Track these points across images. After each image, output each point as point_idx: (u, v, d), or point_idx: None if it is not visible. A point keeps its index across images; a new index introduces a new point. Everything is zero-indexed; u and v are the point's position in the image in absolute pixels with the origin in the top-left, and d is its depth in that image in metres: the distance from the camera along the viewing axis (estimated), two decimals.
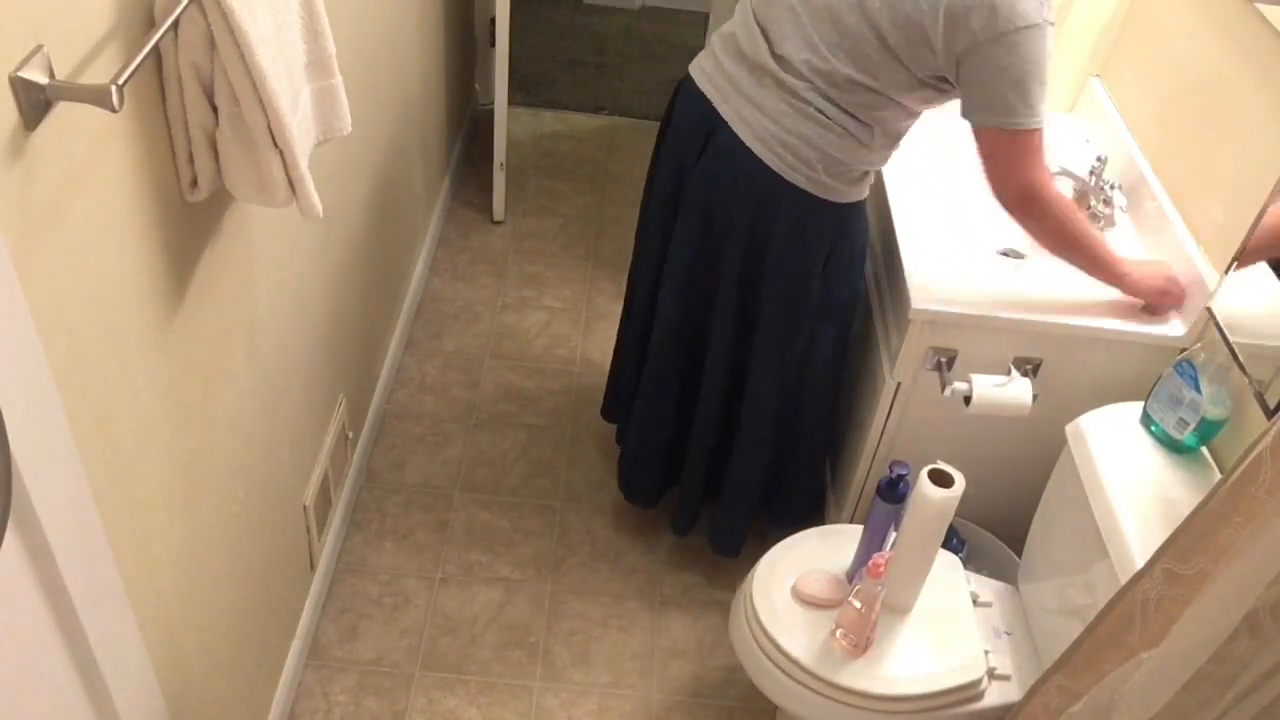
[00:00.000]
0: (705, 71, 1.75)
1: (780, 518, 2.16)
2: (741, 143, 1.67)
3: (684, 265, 1.85)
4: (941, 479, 1.52)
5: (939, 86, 1.59)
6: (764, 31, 1.65)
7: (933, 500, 1.52)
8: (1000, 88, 1.51)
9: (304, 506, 1.86)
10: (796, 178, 1.67)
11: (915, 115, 1.68)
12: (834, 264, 1.78)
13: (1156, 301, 1.74)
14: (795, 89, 1.62)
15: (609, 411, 2.35)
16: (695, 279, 1.85)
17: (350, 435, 2.15)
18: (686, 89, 1.78)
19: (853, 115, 1.62)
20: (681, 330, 1.94)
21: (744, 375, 1.93)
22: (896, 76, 1.57)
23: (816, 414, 2.00)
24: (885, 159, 1.74)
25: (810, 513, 2.17)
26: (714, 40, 1.75)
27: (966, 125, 1.63)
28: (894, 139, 1.70)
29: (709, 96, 1.72)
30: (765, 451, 2.01)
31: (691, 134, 1.76)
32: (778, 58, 1.63)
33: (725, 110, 1.69)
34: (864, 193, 1.76)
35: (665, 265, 1.89)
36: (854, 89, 1.60)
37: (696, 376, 1.98)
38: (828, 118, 1.62)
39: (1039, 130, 1.55)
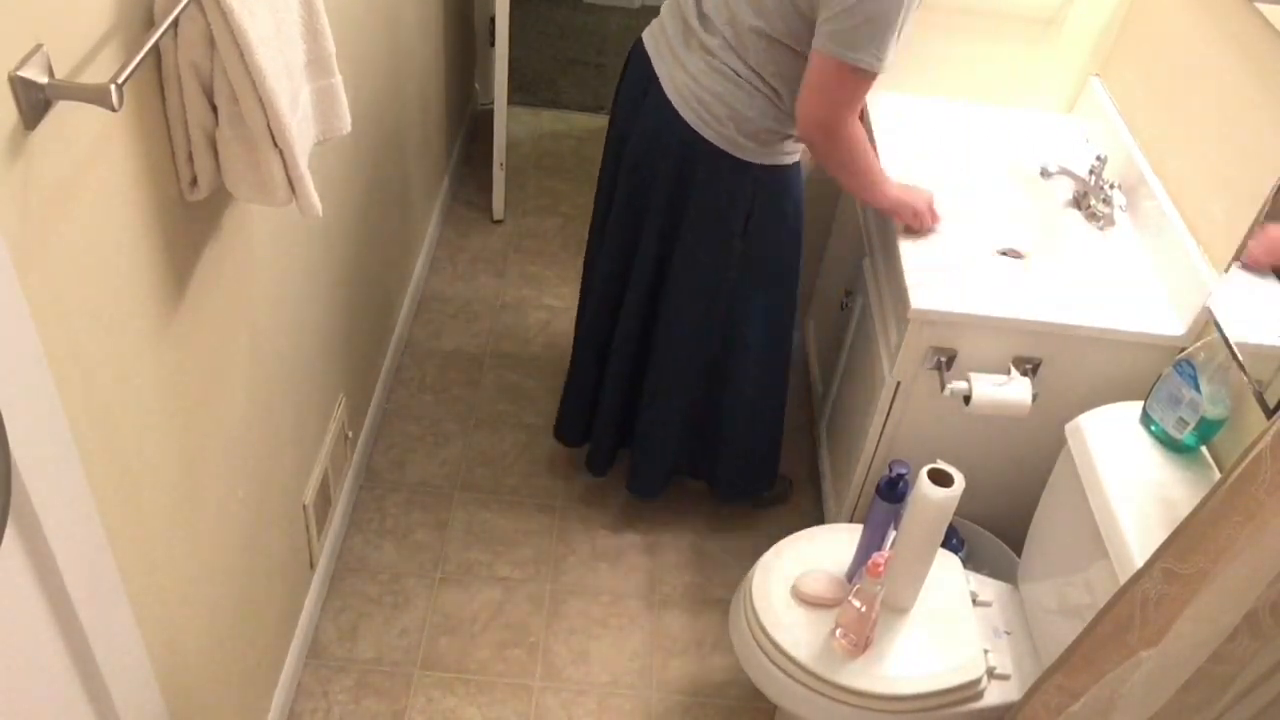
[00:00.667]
0: (651, 33, 1.83)
1: (718, 483, 2.22)
2: (668, 100, 1.75)
3: (618, 223, 1.92)
4: (941, 478, 1.52)
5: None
6: None
7: (932, 500, 1.52)
8: (848, 21, 1.54)
9: (304, 505, 1.86)
10: (710, 135, 1.73)
11: None
12: (756, 226, 1.82)
13: (902, 218, 1.84)
14: (712, 48, 1.69)
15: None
16: (627, 234, 1.92)
17: (350, 434, 2.15)
18: (635, 51, 1.86)
19: (759, 74, 1.67)
20: (613, 284, 2.00)
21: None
22: (791, 23, 1.61)
23: (747, 377, 2.02)
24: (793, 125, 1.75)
25: (753, 482, 2.20)
26: (664, 7, 1.83)
27: (963, 124, 1.64)
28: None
29: (650, 57, 1.80)
30: (674, 405, 2.06)
31: (632, 94, 1.85)
32: (702, 16, 1.71)
33: (659, 68, 1.78)
34: (784, 158, 1.78)
35: (606, 224, 1.96)
36: (759, 40, 1.64)
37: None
38: (739, 76, 1.68)
39: (871, 76, 1.59)
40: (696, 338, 1.96)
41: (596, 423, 2.19)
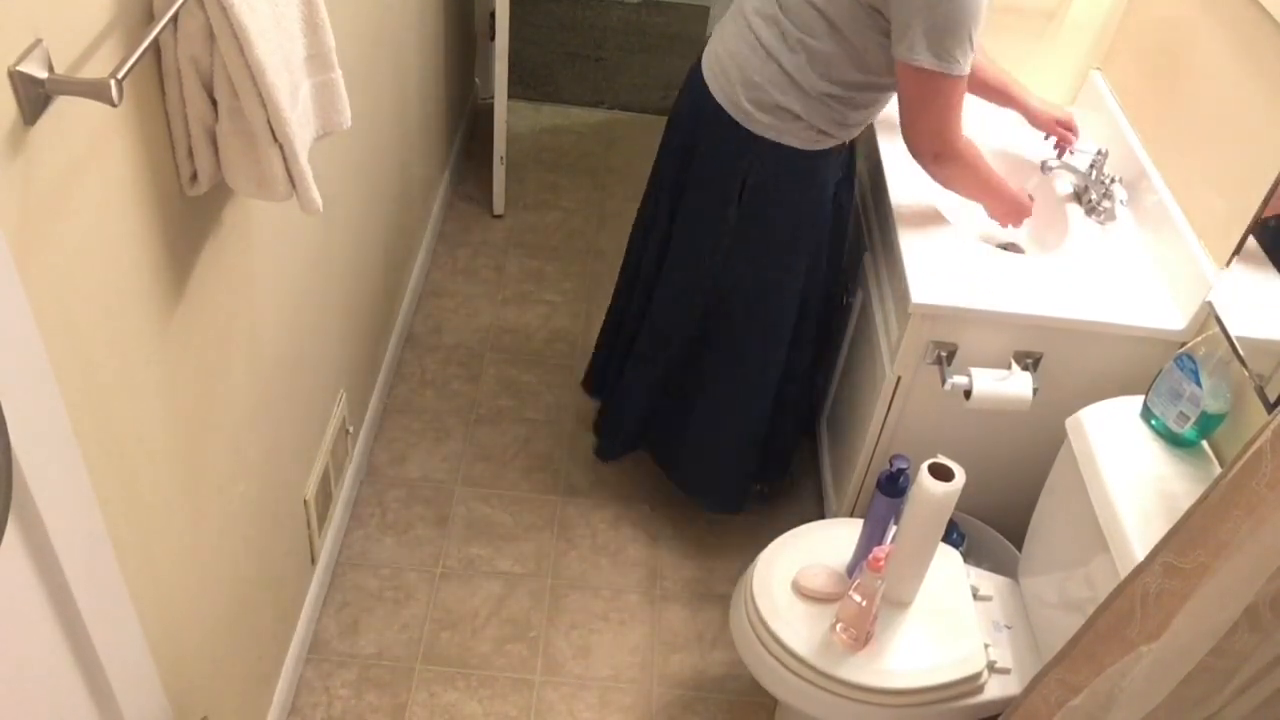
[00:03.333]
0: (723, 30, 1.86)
1: (680, 476, 2.22)
2: (700, 72, 1.81)
3: (659, 194, 1.99)
4: (942, 473, 1.52)
5: (876, 22, 1.60)
6: None
7: (933, 494, 1.52)
8: (921, 26, 1.53)
9: (305, 500, 1.86)
10: (717, 92, 1.77)
11: (860, 79, 1.68)
12: (752, 198, 1.82)
13: (1007, 217, 1.87)
14: (750, 21, 1.72)
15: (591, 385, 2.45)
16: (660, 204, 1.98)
17: (351, 429, 2.15)
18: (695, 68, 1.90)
19: (786, 44, 1.67)
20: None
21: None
22: (851, 9, 1.59)
23: (724, 363, 2.01)
24: (822, 118, 1.72)
25: (716, 492, 2.19)
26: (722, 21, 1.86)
27: (965, 125, 1.64)
28: (834, 98, 1.69)
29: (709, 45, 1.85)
30: (651, 369, 2.11)
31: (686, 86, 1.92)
32: (765, 16, 1.71)
33: (707, 49, 1.83)
34: (795, 140, 1.75)
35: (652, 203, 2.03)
36: (802, 9, 1.63)
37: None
38: (760, 43, 1.70)
39: (960, 80, 1.59)
40: (681, 304, 1.98)
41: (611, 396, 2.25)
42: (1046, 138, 1.99)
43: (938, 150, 1.68)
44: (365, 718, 1.90)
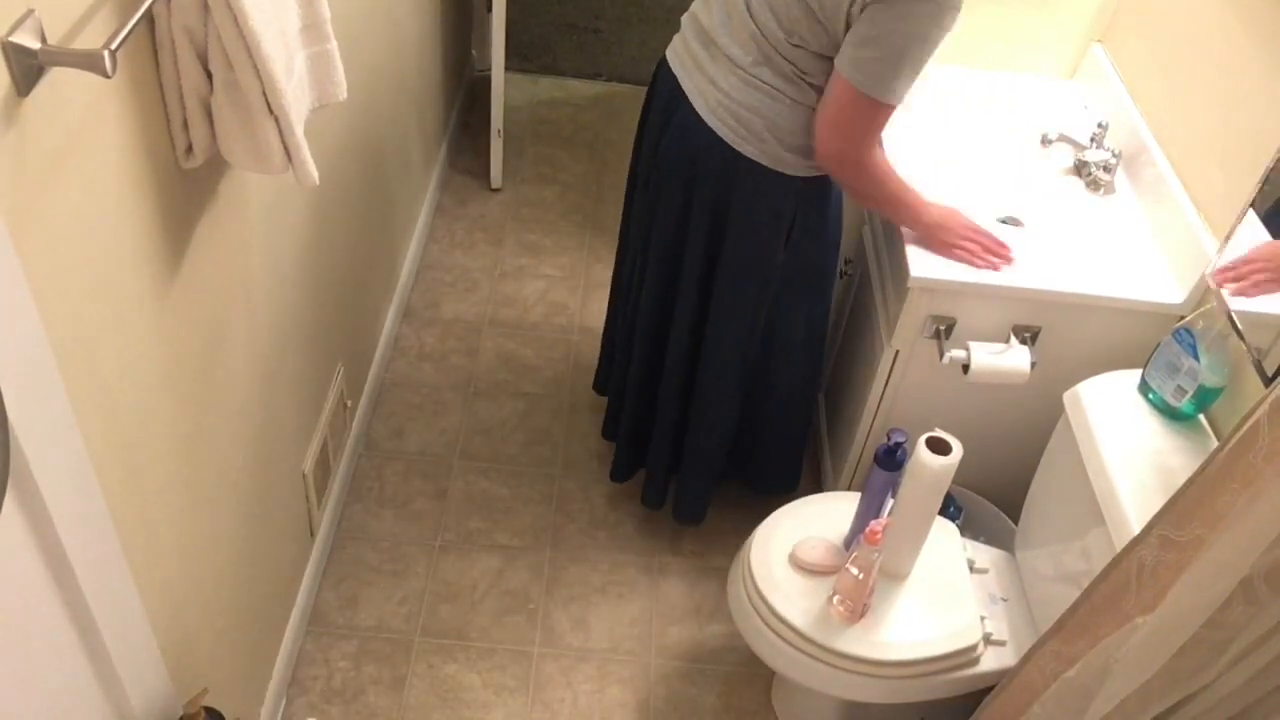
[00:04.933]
0: (675, 51, 1.77)
1: (754, 484, 2.19)
2: (700, 118, 1.69)
3: (660, 246, 1.85)
4: (939, 446, 1.53)
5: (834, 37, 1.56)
6: (721, 5, 1.66)
7: (930, 467, 1.52)
8: (875, 51, 1.50)
9: (303, 474, 1.87)
10: (748, 149, 1.67)
11: None
12: (798, 237, 1.78)
13: (946, 250, 1.75)
14: (742, 62, 1.63)
15: (599, 384, 2.36)
16: (670, 257, 1.86)
17: (349, 403, 2.15)
18: (661, 70, 1.81)
19: (794, 83, 1.61)
20: (657, 303, 1.93)
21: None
22: (815, 31, 1.55)
23: (789, 385, 2.00)
24: None
25: (785, 483, 2.16)
26: (684, 20, 1.76)
27: (962, 91, 1.63)
28: None
29: (676, 75, 1.74)
30: (724, 421, 2.01)
31: (662, 113, 1.79)
32: (728, 32, 1.64)
33: (687, 85, 1.72)
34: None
35: (648, 246, 1.89)
36: (789, 52, 1.59)
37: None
38: (774, 88, 1.62)
39: (890, 108, 1.56)
40: (740, 350, 1.91)
41: (652, 453, 2.11)
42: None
43: (842, 155, 1.63)
44: (365, 690, 1.92)
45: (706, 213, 1.76)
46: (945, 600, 1.67)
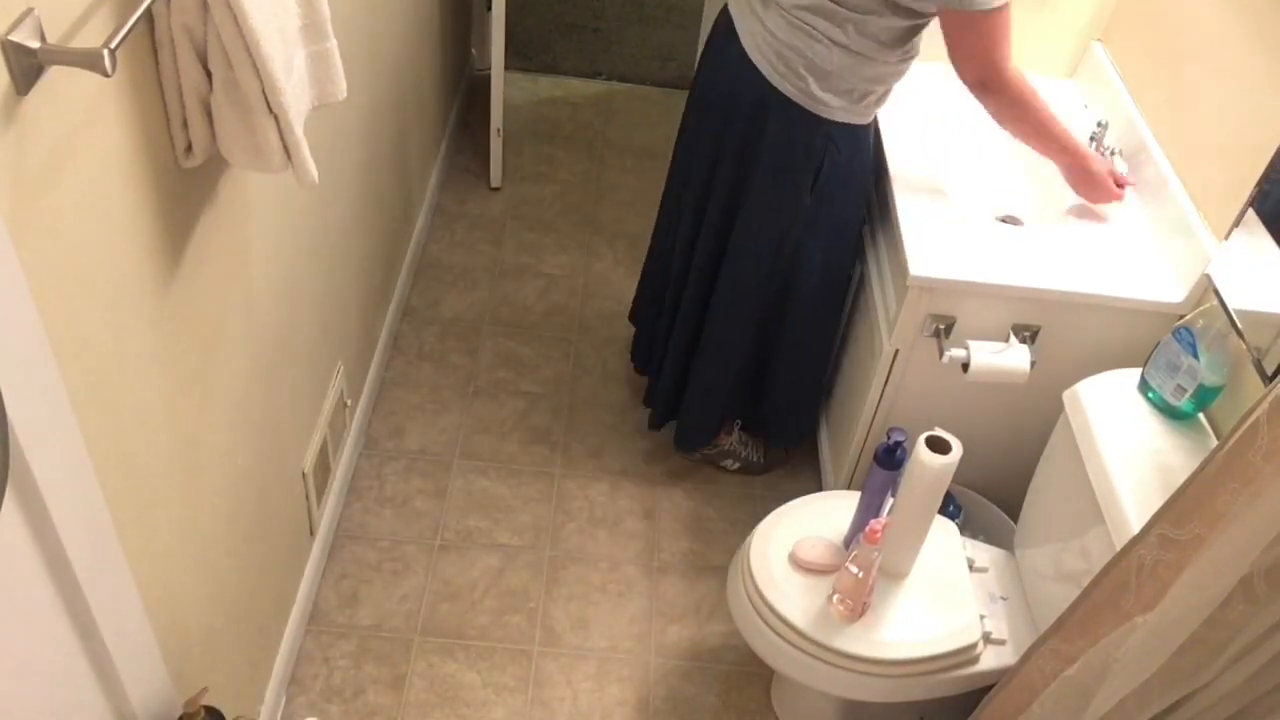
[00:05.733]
0: None
1: (760, 431, 2.25)
2: (745, 54, 1.75)
3: (696, 184, 1.93)
4: (939, 445, 1.53)
5: None
6: None
7: (930, 466, 1.52)
8: None
9: (303, 473, 1.87)
10: (787, 87, 1.72)
11: (907, 25, 1.67)
12: (825, 182, 1.82)
13: (1098, 192, 1.84)
14: (786, 3, 1.68)
15: (633, 315, 2.46)
16: (702, 187, 1.93)
17: (349, 402, 2.15)
18: (721, 13, 1.87)
19: (835, 23, 1.65)
20: (686, 235, 2.02)
21: None
22: None
23: (801, 332, 2.04)
24: (890, 75, 1.75)
25: (791, 435, 2.24)
26: None
27: (963, 89, 1.63)
28: (892, 51, 1.70)
29: (733, 17, 1.80)
30: (732, 356, 2.08)
31: (713, 52, 1.86)
32: None
33: (740, 26, 1.78)
34: (863, 117, 1.78)
35: (686, 185, 1.98)
36: None
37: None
38: (817, 30, 1.67)
39: (1005, 10, 1.59)
40: (756, 290, 1.97)
41: (661, 376, 2.20)
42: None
43: (984, 78, 1.68)
44: (365, 688, 1.92)
45: (736, 147, 1.82)
46: (945, 599, 1.67)
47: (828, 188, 1.83)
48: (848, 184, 1.85)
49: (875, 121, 1.91)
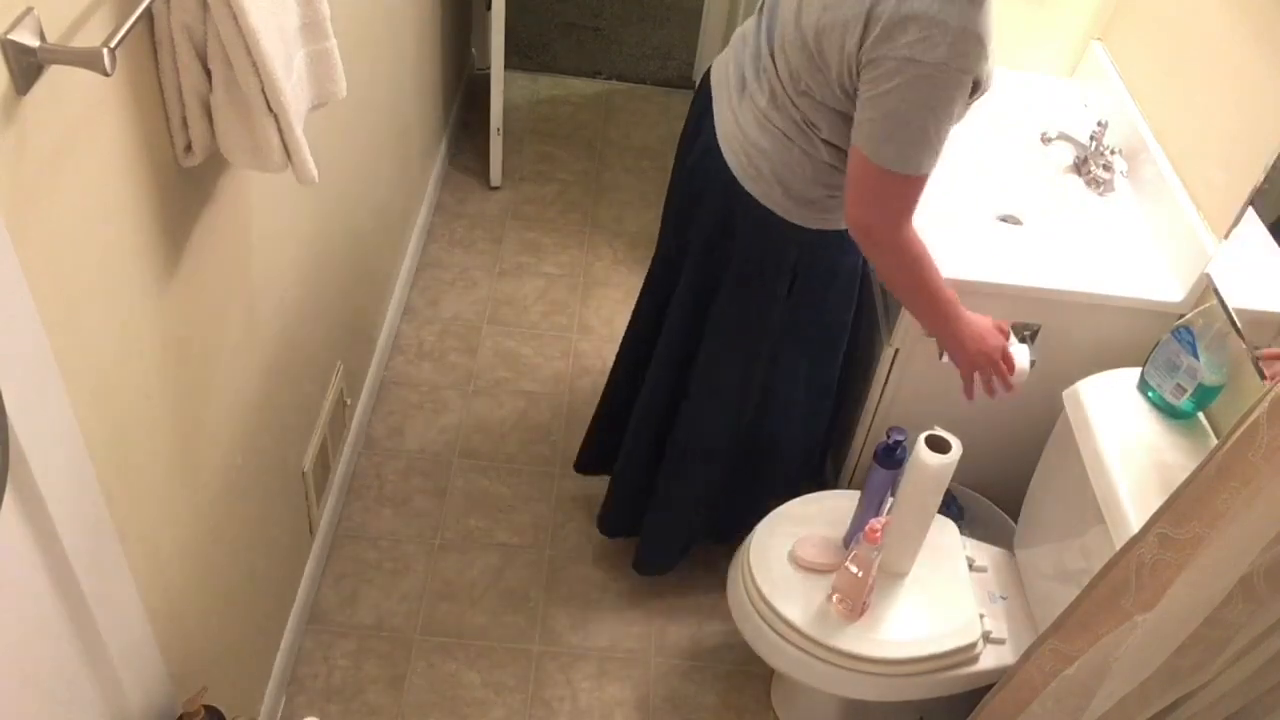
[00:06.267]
0: (718, 65, 1.67)
1: (716, 536, 2.07)
2: (717, 144, 1.60)
3: (663, 260, 1.79)
4: (939, 445, 1.53)
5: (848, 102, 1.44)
6: (754, 38, 1.57)
7: (930, 466, 1.52)
8: (873, 113, 1.35)
9: (303, 472, 1.87)
10: (754, 189, 1.57)
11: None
12: (802, 290, 1.67)
13: (971, 365, 1.60)
14: (759, 102, 1.54)
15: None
16: (670, 275, 1.77)
17: (348, 402, 2.15)
18: (704, 80, 1.70)
19: (803, 131, 1.50)
20: (650, 328, 1.85)
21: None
22: (818, 79, 1.43)
23: (785, 443, 1.90)
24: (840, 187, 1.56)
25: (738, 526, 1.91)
26: (734, 37, 1.66)
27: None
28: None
29: (713, 89, 1.65)
30: (699, 474, 1.89)
31: (695, 122, 1.70)
32: (758, 67, 1.55)
33: (716, 107, 1.63)
34: (838, 223, 1.60)
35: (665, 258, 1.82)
36: (796, 98, 1.48)
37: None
38: (784, 134, 1.52)
39: (911, 181, 1.39)
40: (729, 403, 1.80)
41: (616, 485, 2.02)
42: None
43: (871, 227, 1.45)
44: (365, 688, 1.92)
45: (704, 240, 1.66)
46: (945, 598, 1.67)
47: (805, 295, 1.67)
48: (829, 288, 1.69)
49: None
